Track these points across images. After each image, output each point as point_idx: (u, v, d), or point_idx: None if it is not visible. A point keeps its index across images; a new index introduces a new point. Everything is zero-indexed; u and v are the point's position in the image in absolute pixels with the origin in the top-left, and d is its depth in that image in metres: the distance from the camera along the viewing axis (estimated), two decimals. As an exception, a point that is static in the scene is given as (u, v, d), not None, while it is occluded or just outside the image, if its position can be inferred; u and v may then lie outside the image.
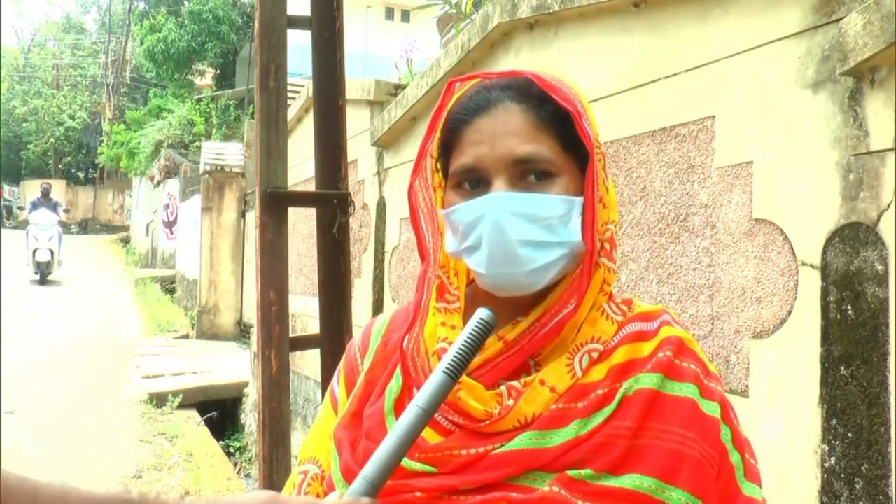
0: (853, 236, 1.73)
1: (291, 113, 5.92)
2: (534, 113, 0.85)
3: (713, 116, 2.14)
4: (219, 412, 7.29)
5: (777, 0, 1.96)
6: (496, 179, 0.84)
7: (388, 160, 4.42)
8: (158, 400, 7.04)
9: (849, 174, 1.75)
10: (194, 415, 7.03)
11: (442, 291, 0.91)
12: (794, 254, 1.88)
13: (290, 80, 3.03)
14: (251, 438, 6.86)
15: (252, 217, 9.43)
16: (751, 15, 2.04)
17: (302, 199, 2.90)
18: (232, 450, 6.93)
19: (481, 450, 0.79)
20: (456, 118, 0.88)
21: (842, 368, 1.74)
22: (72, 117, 31.97)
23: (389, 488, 0.76)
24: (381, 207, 4.47)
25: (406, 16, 21.96)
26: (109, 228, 28.53)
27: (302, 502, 0.82)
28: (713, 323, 2.12)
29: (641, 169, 2.41)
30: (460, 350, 0.77)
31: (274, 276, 2.44)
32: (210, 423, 6.91)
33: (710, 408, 0.82)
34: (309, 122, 5.14)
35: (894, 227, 1.64)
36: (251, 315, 9.59)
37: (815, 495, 1.78)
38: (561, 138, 0.85)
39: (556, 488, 0.76)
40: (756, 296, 1.98)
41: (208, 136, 15.92)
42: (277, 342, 2.43)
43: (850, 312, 1.72)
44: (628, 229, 2.45)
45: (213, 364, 8.43)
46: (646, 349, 0.85)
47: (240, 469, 6.48)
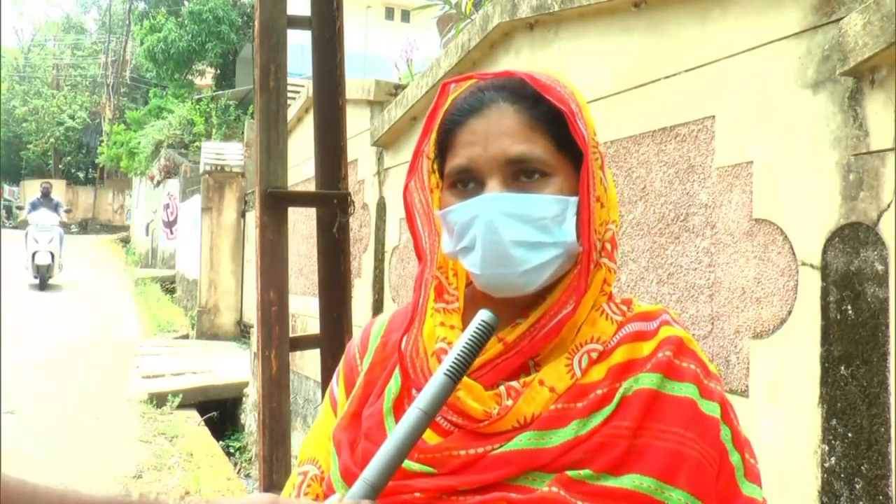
0: (853, 236, 1.73)
1: (291, 113, 5.92)
2: (527, 113, 0.85)
3: (713, 116, 2.14)
4: (219, 412, 7.29)
5: (777, 0, 1.96)
6: (490, 180, 0.84)
7: (388, 160, 4.42)
8: (158, 400, 7.04)
9: (849, 174, 1.75)
10: (194, 415, 7.03)
11: (440, 292, 0.91)
12: (794, 254, 1.88)
13: (290, 80, 3.02)
14: (251, 438, 6.85)
15: (252, 217, 9.43)
16: (751, 15, 2.04)
17: (302, 199, 2.90)
18: (232, 450, 6.92)
19: (480, 450, 0.79)
20: (450, 119, 0.88)
21: (842, 368, 1.74)
22: (72, 117, 31.98)
23: (389, 489, 0.75)
24: (381, 207, 4.47)
25: (406, 16, 21.94)
26: (109, 228, 28.53)
27: None
28: (713, 323, 2.12)
29: (641, 169, 2.41)
30: (462, 352, 0.77)
31: (274, 276, 2.44)
32: (210, 423, 6.91)
33: (710, 408, 0.82)
34: (309, 122, 5.14)
35: (894, 227, 1.64)
36: (251, 315, 9.58)
37: (815, 495, 1.78)
38: (555, 138, 0.85)
39: (556, 489, 0.76)
40: (756, 296, 1.98)
41: (208, 136, 15.92)
42: (277, 342, 2.43)
43: (850, 312, 1.72)
44: (628, 229, 2.45)
45: (213, 364, 8.42)
46: (645, 349, 0.84)
47: (240, 469, 6.48)
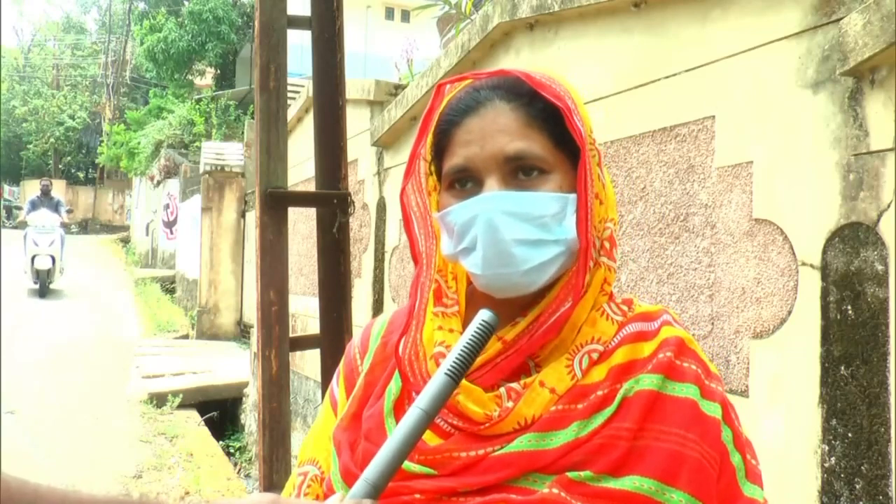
0: (853, 236, 1.73)
1: (291, 113, 5.92)
2: (523, 111, 0.84)
3: (713, 116, 2.14)
4: (219, 412, 7.29)
5: (777, 0, 1.96)
6: (488, 179, 0.83)
7: (388, 160, 4.42)
8: (158, 400, 7.04)
9: (849, 174, 1.75)
10: (194, 415, 7.03)
11: (439, 296, 0.91)
12: (794, 254, 1.88)
13: (290, 80, 3.02)
14: (251, 438, 6.85)
15: (252, 217, 9.43)
16: (751, 15, 2.04)
17: (302, 199, 2.90)
18: (232, 450, 6.92)
19: (481, 452, 0.79)
20: (447, 120, 0.87)
21: (842, 368, 1.74)
22: (72, 117, 31.99)
23: (389, 490, 0.75)
24: (381, 207, 4.47)
25: (406, 16, 21.93)
26: (109, 228, 28.54)
27: None
28: (713, 323, 2.12)
29: (641, 169, 2.41)
30: (462, 352, 0.77)
31: (274, 276, 2.44)
32: (210, 423, 6.91)
33: (711, 408, 0.82)
34: (309, 122, 5.14)
35: (894, 227, 1.63)
36: (251, 315, 9.58)
37: (815, 495, 1.78)
38: (552, 135, 0.84)
39: (556, 490, 0.76)
40: (756, 296, 1.98)
41: (208, 136, 15.92)
42: (277, 342, 2.43)
43: (850, 312, 1.72)
44: (628, 229, 2.45)
45: (213, 364, 8.42)
46: (646, 349, 0.84)
47: (240, 469, 6.48)
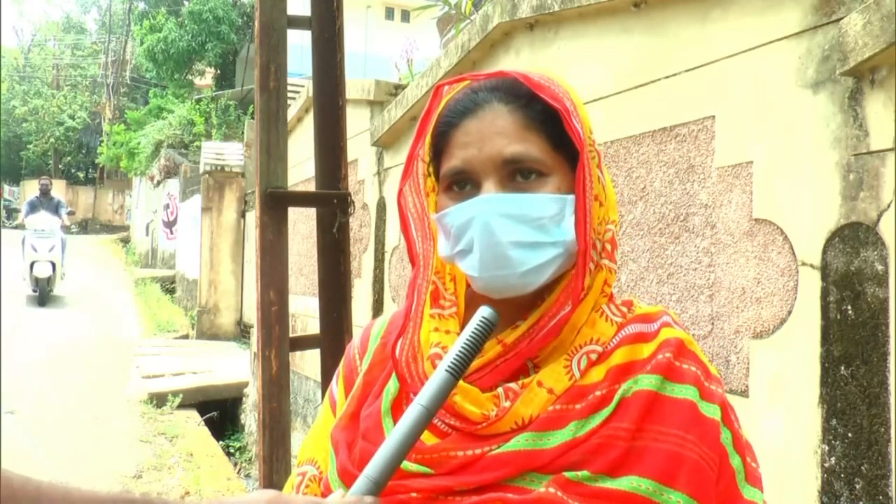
0: (853, 236, 1.73)
1: (291, 113, 5.92)
2: (522, 113, 0.84)
3: (713, 116, 2.14)
4: (219, 412, 7.29)
5: (777, 0, 1.96)
6: (486, 181, 0.83)
7: (388, 160, 4.42)
8: (158, 400, 7.04)
9: (849, 174, 1.75)
10: (194, 415, 7.03)
11: (436, 297, 0.90)
12: (794, 254, 1.88)
13: (290, 80, 3.02)
14: (251, 438, 6.85)
15: (252, 217, 9.43)
16: (751, 15, 2.04)
17: (302, 199, 2.90)
18: (232, 450, 6.92)
19: (478, 451, 0.79)
20: (445, 121, 0.87)
21: (842, 368, 1.74)
22: (72, 117, 31.98)
23: (386, 488, 0.75)
24: (381, 207, 4.47)
25: (406, 16, 21.94)
26: (109, 228, 28.54)
27: (305, 502, 0.82)
28: (713, 323, 2.12)
29: (641, 169, 2.41)
30: (462, 348, 0.77)
31: (274, 276, 2.44)
32: (210, 423, 6.91)
33: (711, 410, 0.81)
34: (309, 122, 5.14)
35: (894, 227, 1.63)
36: (251, 315, 9.58)
37: (815, 495, 1.78)
38: (551, 137, 0.84)
39: (553, 489, 0.75)
40: (756, 296, 1.98)
41: (208, 136, 15.92)
42: (277, 342, 2.43)
43: (850, 312, 1.72)
44: (628, 229, 2.45)
45: (213, 364, 8.42)
46: (645, 350, 0.84)
47: (240, 469, 6.48)
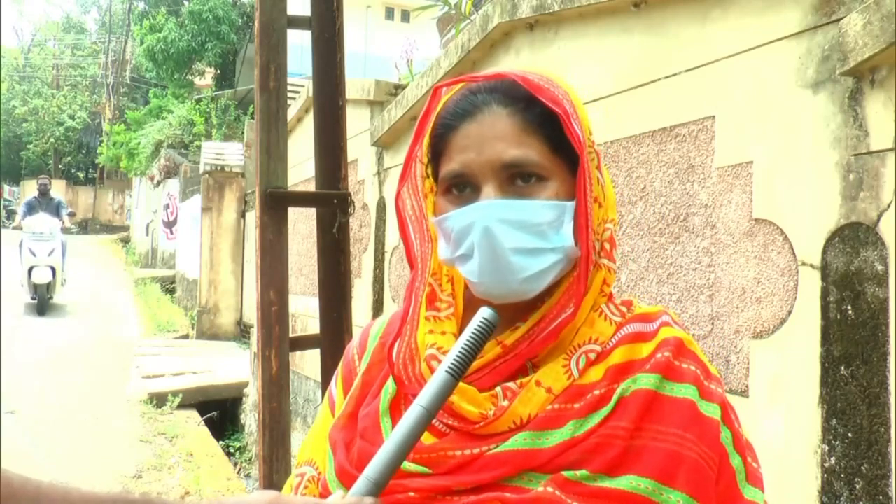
0: (853, 236, 1.73)
1: (291, 113, 5.92)
2: (521, 116, 0.83)
3: (713, 116, 2.14)
4: (219, 412, 7.29)
5: (777, 0, 1.96)
6: (485, 185, 0.83)
7: (388, 160, 4.42)
8: (158, 400, 7.04)
9: (849, 174, 1.75)
10: (194, 415, 7.03)
11: (432, 300, 0.90)
12: (794, 254, 1.88)
13: (290, 80, 3.02)
14: (251, 438, 6.85)
15: (252, 217, 9.42)
16: (751, 15, 2.04)
17: (302, 199, 2.90)
18: (232, 450, 6.92)
19: (476, 451, 0.79)
20: (443, 123, 0.87)
21: (842, 368, 1.74)
22: (72, 117, 31.98)
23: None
24: (381, 207, 4.47)
25: (406, 16, 21.92)
26: (109, 228, 28.54)
27: (305, 502, 0.82)
28: (713, 323, 2.12)
29: (641, 169, 2.41)
30: (463, 350, 0.77)
31: (274, 276, 2.44)
32: (210, 423, 6.91)
33: (710, 409, 0.81)
34: (309, 122, 5.14)
35: (894, 227, 1.63)
36: (251, 315, 9.58)
37: (815, 495, 1.78)
38: (550, 140, 0.83)
39: (551, 489, 0.75)
40: (756, 296, 1.98)
41: (208, 136, 15.92)
42: (277, 342, 2.43)
43: (850, 312, 1.72)
44: (628, 229, 2.45)
45: (213, 364, 8.42)
46: (645, 350, 0.84)
47: (240, 469, 6.48)
